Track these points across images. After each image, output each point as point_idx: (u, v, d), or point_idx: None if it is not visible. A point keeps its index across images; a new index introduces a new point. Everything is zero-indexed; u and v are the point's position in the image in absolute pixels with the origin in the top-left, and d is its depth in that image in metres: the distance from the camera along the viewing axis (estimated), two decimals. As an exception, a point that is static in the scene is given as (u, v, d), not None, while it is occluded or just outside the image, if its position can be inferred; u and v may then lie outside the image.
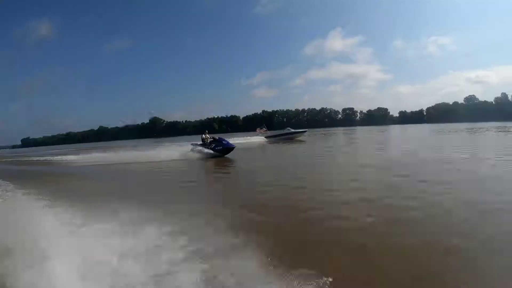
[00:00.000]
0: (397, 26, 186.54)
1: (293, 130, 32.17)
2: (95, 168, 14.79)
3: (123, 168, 13.93)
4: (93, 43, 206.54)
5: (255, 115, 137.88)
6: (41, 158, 25.00)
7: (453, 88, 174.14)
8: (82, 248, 3.34)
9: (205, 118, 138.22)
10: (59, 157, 22.78)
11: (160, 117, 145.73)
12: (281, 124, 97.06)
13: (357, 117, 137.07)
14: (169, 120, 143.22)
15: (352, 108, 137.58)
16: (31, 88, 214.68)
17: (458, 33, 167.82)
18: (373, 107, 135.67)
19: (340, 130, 62.58)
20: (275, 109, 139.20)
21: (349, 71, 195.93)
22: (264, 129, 35.33)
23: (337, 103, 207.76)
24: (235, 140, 29.78)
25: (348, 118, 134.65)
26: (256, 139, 32.38)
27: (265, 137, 32.19)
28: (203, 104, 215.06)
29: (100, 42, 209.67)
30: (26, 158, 27.09)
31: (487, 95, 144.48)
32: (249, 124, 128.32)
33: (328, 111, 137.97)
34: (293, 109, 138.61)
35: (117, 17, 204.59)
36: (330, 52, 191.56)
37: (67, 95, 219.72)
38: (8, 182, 9.68)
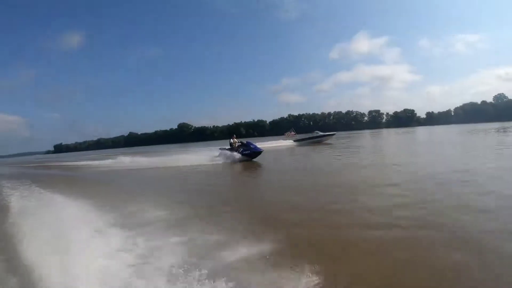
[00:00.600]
0: (422, 25, 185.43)
1: (321, 133, 31.64)
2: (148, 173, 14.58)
3: (163, 172, 13.89)
4: (122, 53, 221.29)
5: (282, 119, 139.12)
6: (79, 163, 26.11)
7: (483, 86, 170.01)
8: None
9: (233, 123, 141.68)
10: (97, 162, 23.76)
11: (188, 123, 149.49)
12: (307, 128, 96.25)
13: (383, 119, 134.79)
14: (196, 126, 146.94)
15: (379, 110, 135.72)
16: (64, 96, 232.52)
17: (486, 31, 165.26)
18: (402, 108, 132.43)
19: (366, 133, 60.65)
20: (301, 113, 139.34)
21: (376, 72, 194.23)
22: (293, 132, 35.28)
23: (364, 106, 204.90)
24: (264, 144, 29.88)
25: (374, 120, 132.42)
26: (285, 142, 32.31)
27: (293, 141, 31.95)
28: (229, 110, 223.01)
29: (130, 51, 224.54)
30: (68, 163, 28.64)
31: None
32: (276, 128, 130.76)
33: (354, 114, 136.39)
34: (319, 113, 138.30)
35: (147, 27, 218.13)
36: (356, 54, 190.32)
37: (97, 103, 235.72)
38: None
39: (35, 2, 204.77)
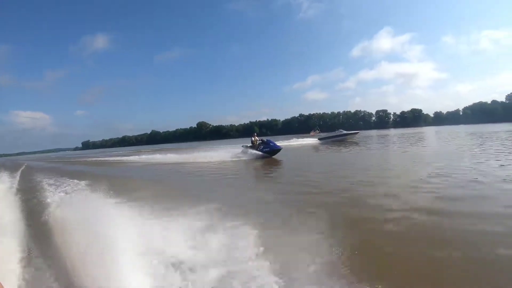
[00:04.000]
0: (446, 21, 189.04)
1: (345, 132, 32.71)
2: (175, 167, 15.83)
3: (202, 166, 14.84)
4: (146, 54, 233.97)
5: (293, 118, 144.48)
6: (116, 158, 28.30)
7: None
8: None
9: (248, 122, 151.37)
10: (132, 157, 26.39)
11: (211, 121, 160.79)
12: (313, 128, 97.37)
13: (391, 119, 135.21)
14: (215, 124, 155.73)
15: (386, 110, 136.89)
16: (91, 96, 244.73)
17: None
18: (429, 107, 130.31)
19: (373, 133, 61.19)
20: (322, 112, 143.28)
21: (400, 70, 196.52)
22: (318, 130, 36.80)
23: (391, 104, 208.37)
24: (290, 142, 31.90)
25: (382, 120, 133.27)
26: (310, 140, 33.71)
27: (318, 139, 33.14)
28: (257, 108, 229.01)
29: (152, 52, 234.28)
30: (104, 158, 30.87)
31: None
32: (288, 127, 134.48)
33: (362, 114, 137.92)
34: (329, 112, 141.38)
35: (170, 29, 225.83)
36: (379, 52, 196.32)
37: (122, 102, 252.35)
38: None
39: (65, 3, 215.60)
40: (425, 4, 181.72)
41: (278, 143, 17.94)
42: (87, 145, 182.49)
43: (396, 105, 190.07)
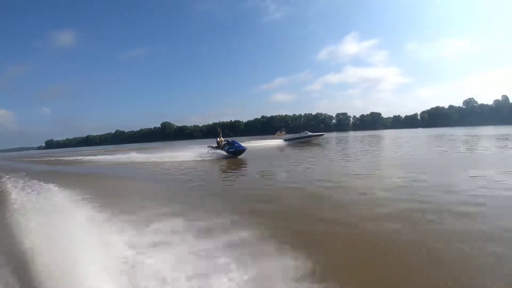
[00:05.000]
0: (411, 28, 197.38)
1: (310, 133, 33.59)
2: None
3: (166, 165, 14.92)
4: (111, 51, 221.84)
5: (255, 120, 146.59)
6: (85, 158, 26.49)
7: (474, 90, 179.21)
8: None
9: (212, 123, 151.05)
10: (101, 157, 25.14)
11: (175, 121, 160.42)
12: (278, 129, 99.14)
13: (350, 122, 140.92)
14: (179, 125, 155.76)
15: (346, 114, 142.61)
16: (54, 94, 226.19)
17: (475, 35, 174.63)
18: (393, 111, 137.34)
19: (334, 135, 63.75)
20: (290, 114, 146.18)
21: (365, 74, 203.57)
22: (283, 132, 37.26)
23: (356, 107, 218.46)
24: (256, 142, 32.01)
25: (342, 123, 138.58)
26: (275, 141, 34.20)
27: (283, 140, 33.87)
28: (221, 108, 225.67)
29: (118, 49, 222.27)
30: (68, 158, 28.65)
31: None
32: (250, 128, 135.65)
33: (323, 117, 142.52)
34: (291, 114, 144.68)
35: (137, 27, 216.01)
36: (346, 56, 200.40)
37: (86, 100, 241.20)
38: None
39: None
40: (391, 11, 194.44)
41: (244, 144, 18.44)
42: (51, 144, 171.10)
43: (363, 108, 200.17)
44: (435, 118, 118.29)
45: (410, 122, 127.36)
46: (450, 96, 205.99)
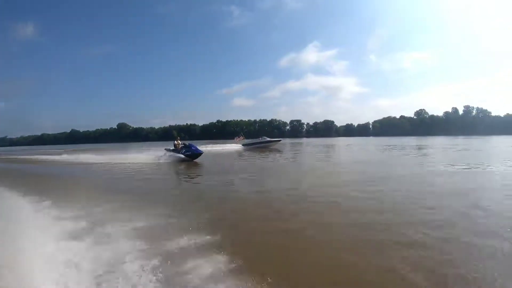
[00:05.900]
0: (371, 40, 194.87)
1: (268, 139, 33.73)
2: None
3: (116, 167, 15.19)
4: (72, 48, 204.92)
5: (211, 124, 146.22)
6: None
7: (431, 101, 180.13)
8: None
9: (168, 125, 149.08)
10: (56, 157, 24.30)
11: (131, 122, 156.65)
12: (233, 133, 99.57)
13: (304, 129, 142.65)
14: (135, 126, 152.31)
15: (300, 120, 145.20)
16: (10, 88, 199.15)
17: (433, 49, 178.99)
18: (351, 119, 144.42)
19: (288, 141, 65.01)
20: (252, 119, 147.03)
21: (325, 83, 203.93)
22: (242, 137, 36.90)
23: (315, 115, 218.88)
24: (214, 146, 32.02)
25: (295, 130, 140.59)
26: (234, 146, 33.84)
27: (242, 145, 33.64)
28: (179, 111, 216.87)
29: (80, 47, 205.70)
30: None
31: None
32: (206, 132, 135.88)
33: (277, 123, 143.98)
34: (246, 120, 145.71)
35: (100, 26, 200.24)
36: (306, 64, 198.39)
37: (43, 97, 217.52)
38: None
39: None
40: (353, 23, 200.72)
41: (203, 148, 18.74)
42: (4, 142, 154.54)
43: (322, 115, 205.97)
44: (387, 127, 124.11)
45: (362, 130, 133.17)
46: (406, 107, 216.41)
